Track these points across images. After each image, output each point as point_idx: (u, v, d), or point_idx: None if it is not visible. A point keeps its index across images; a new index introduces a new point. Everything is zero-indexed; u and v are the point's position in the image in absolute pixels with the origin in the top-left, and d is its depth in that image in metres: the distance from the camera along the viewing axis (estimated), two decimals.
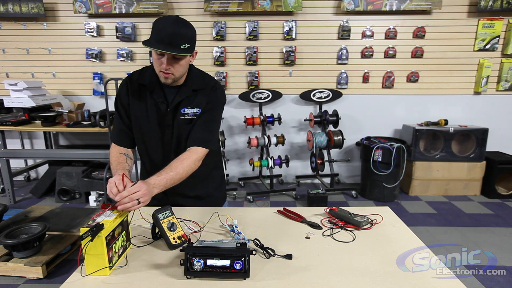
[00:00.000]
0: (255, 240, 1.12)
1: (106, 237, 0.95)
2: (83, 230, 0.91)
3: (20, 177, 4.14)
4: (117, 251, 1.02)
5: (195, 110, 1.35)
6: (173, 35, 1.17)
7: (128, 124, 1.41)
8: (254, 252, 1.00)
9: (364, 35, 3.67)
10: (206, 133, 1.35)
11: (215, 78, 3.69)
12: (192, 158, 1.29)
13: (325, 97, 3.74)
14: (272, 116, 3.68)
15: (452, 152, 3.58)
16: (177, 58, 1.22)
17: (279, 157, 3.69)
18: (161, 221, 1.13)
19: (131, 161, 1.41)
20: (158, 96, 1.33)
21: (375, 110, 3.88)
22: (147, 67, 1.39)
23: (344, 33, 3.64)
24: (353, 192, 3.61)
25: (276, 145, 3.66)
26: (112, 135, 1.47)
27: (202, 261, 0.94)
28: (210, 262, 0.94)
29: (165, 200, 1.47)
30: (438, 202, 3.46)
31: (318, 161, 3.63)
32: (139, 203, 1.06)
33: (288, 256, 1.06)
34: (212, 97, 1.36)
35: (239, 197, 3.56)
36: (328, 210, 1.39)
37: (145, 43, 1.20)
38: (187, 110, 1.34)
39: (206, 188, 1.52)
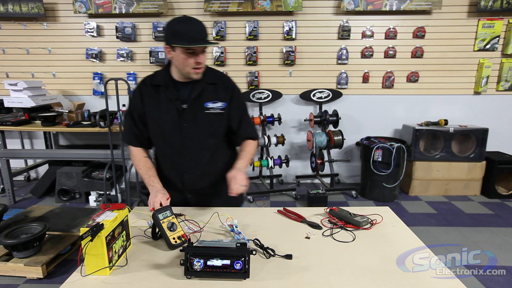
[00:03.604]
0: (255, 240, 1.12)
1: (106, 237, 0.95)
2: (83, 230, 0.92)
3: (20, 177, 4.14)
4: (117, 251, 1.03)
5: (219, 104, 1.40)
6: (201, 31, 1.28)
7: (142, 130, 1.45)
8: (254, 252, 1.00)
9: (364, 35, 3.67)
10: (252, 129, 1.53)
11: None
12: (255, 146, 1.52)
13: (325, 97, 3.74)
14: (272, 116, 3.68)
15: (452, 152, 3.58)
16: (204, 50, 1.32)
17: (279, 157, 3.69)
18: (161, 221, 1.13)
19: (152, 162, 1.50)
20: (172, 94, 1.37)
21: (375, 110, 3.88)
22: (159, 71, 1.44)
23: (344, 33, 3.64)
24: (353, 192, 3.61)
25: (276, 145, 3.66)
26: (127, 138, 1.50)
27: (202, 261, 0.94)
28: (210, 262, 0.94)
29: (181, 198, 1.48)
30: (438, 202, 3.46)
31: (318, 161, 3.63)
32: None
33: (288, 256, 1.06)
34: (236, 94, 1.45)
35: None
36: (328, 210, 1.40)
37: (185, 43, 1.24)
38: (210, 105, 1.39)
39: (227, 183, 1.53)
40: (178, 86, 1.39)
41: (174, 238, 1.12)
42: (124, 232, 1.09)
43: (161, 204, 1.26)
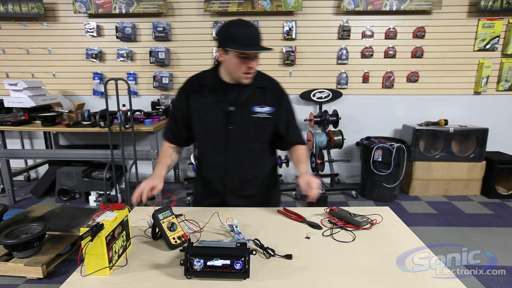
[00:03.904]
0: (255, 240, 1.12)
1: (106, 237, 0.95)
2: (83, 230, 0.91)
3: (20, 177, 4.14)
4: (117, 251, 1.02)
5: (267, 109, 1.39)
6: (257, 36, 1.27)
7: (181, 129, 1.47)
8: (254, 252, 1.00)
9: (364, 35, 3.67)
10: (300, 134, 1.52)
11: None
12: (307, 150, 1.51)
13: (325, 97, 3.74)
14: None
15: (452, 152, 3.58)
16: (257, 56, 1.30)
17: (279, 157, 3.68)
18: (161, 221, 1.13)
19: (177, 155, 1.53)
20: (220, 96, 1.37)
21: (375, 110, 3.88)
22: (206, 71, 1.44)
23: (344, 33, 3.64)
24: (353, 192, 3.61)
25: None
26: (166, 134, 1.53)
27: (202, 261, 0.94)
28: (210, 262, 0.94)
29: (221, 200, 1.49)
30: (438, 202, 3.46)
31: (318, 161, 3.63)
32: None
33: (288, 256, 1.06)
34: (284, 99, 1.44)
35: None
36: (328, 210, 1.39)
37: (240, 48, 1.22)
38: (258, 109, 1.38)
39: (266, 187, 1.55)
40: (226, 88, 1.37)
41: (174, 238, 1.11)
42: (124, 232, 1.09)
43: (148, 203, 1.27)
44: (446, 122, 3.62)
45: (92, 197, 3.39)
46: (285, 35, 3.67)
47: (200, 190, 1.55)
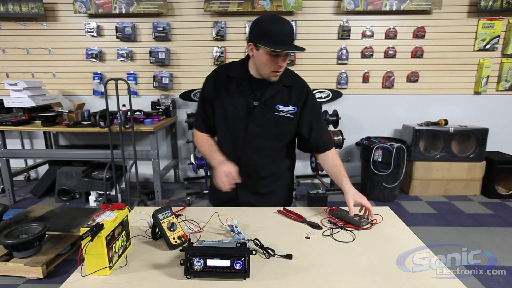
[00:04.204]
0: (255, 240, 1.12)
1: (106, 237, 0.95)
2: (83, 230, 0.91)
3: (20, 177, 4.14)
4: (117, 251, 1.02)
5: (291, 108, 1.39)
6: (291, 34, 1.25)
7: (211, 117, 1.46)
8: (254, 252, 1.00)
9: (364, 35, 3.67)
10: (327, 136, 1.50)
11: None
12: (338, 157, 1.50)
13: (325, 97, 3.74)
14: None
15: (452, 152, 3.58)
16: (288, 54, 1.27)
17: None
18: (161, 221, 1.13)
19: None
20: (246, 89, 1.36)
21: (375, 110, 3.88)
22: (235, 62, 1.44)
23: (344, 33, 3.64)
24: None
25: None
26: (196, 123, 1.53)
27: (202, 261, 0.94)
28: (210, 262, 0.94)
29: (233, 193, 1.47)
30: (438, 202, 3.46)
31: (318, 161, 3.62)
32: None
33: (288, 256, 1.06)
34: (310, 100, 1.41)
35: None
36: (328, 210, 1.40)
37: (273, 46, 1.20)
38: (282, 107, 1.38)
39: (280, 187, 1.55)
40: (253, 83, 1.37)
41: (174, 238, 1.11)
42: (124, 232, 1.09)
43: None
44: (446, 122, 3.63)
45: (92, 197, 3.39)
46: None
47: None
